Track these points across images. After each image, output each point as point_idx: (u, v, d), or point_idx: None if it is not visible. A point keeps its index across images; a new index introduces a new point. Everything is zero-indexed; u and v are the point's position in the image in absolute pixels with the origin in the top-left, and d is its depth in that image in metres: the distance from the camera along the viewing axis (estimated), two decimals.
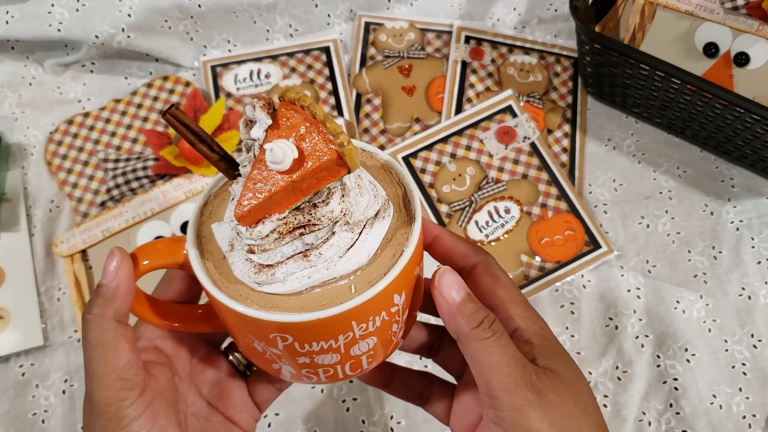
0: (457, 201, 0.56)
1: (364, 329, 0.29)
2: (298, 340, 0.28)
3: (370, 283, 0.27)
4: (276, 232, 0.27)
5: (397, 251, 0.28)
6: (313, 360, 0.30)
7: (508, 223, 0.55)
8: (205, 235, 0.30)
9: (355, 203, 0.27)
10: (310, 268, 0.27)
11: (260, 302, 0.27)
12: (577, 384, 0.29)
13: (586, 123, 0.61)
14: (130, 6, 0.57)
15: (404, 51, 0.63)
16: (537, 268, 0.54)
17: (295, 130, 0.26)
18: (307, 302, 0.27)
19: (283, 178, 0.26)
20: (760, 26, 0.53)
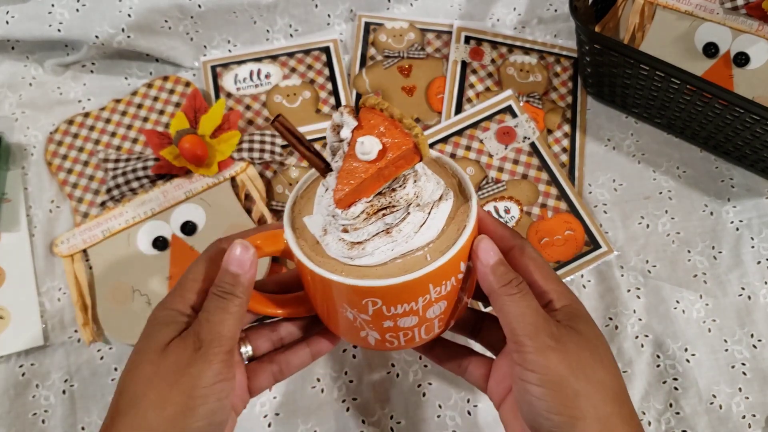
0: None
1: (438, 292, 0.35)
2: (386, 303, 0.34)
3: (442, 252, 0.34)
4: (365, 213, 0.33)
5: (461, 226, 0.35)
6: (396, 323, 0.36)
7: (509, 223, 0.55)
8: (297, 227, 0.36)
9: (424, 188, 0.34)
10: (392, 243, 0.33)
11: (353, 273, 0.33)
12: (594, 341, 0.33)
13: (585, 123, 0.61)
14: (130, 6, 0.58)
15: (404, 51, 0.63)
16: None
17: (377, 128, 0.32)
18: (392, 270, 0.33)
19: (371, 167, 0.32)
20: (759, 26, 0.53)
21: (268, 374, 0.38)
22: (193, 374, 0.31)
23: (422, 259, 0.34)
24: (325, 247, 0.34)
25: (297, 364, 0.39)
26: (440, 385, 0.50)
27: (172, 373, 0.31)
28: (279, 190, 0.56)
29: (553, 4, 0.65)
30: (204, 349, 0.32)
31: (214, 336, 0.32)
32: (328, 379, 0.50)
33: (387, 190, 0.33)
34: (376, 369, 0.51)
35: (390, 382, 0.50)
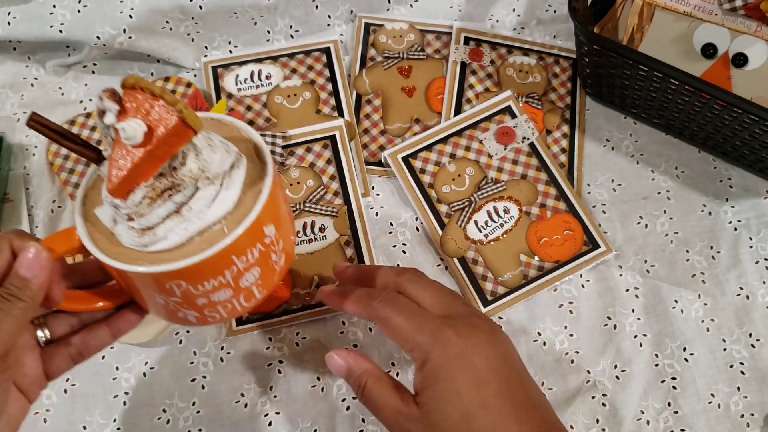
0: (456, 201, 0.56)
1: (245, 261, 0.34)
2: (191, 283, 0.33)
3: (238, 222, 0.33)
4: (147, 198, 0.32)
5: (257, 192, 0.34)
6: (210, 299, 0.35)
7: (507, 223, 0.55)
8: (92, 220, 0.35)
9: (210, 159, 0.33)
10: (185, 222, 0.32)
11: (150, 260, 0.32)
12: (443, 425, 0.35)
13: (584, 124, 0.61)
14: (132, 7, 0.58)
15: (404, 52, 0.63)
16: (536, 268, 0.54)
17: (141, 109, 0.30)
18: (190, 250, 0.32)
19: (140, 150, 0.30)
20: (758, 27, 0.53)
21: (65, 357, 0.37)
22: None
23: (220, 233, 0.33)
24: (118, 237, 0.33)
25: (96, 345, 0.37)
26: None
27: None
28: None
29: (552, 5, 0.66)
30: None
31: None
32: (328, 378, 0.51)
33: (167, 170, 0.32)
34: None
35: None
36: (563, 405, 0.50)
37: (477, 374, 0.35)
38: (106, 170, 0.32)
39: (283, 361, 0.51)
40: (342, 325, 0.52)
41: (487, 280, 0.53)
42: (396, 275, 0.41)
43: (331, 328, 0.52)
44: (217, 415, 0.49)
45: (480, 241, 0.55)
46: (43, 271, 0.32)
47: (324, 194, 0.56)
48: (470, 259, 0.54)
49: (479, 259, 0.54)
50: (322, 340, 0.52)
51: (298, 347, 0.52)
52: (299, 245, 0.54)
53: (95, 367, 0.51)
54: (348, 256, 0.54)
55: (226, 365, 0.51)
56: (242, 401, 0.50)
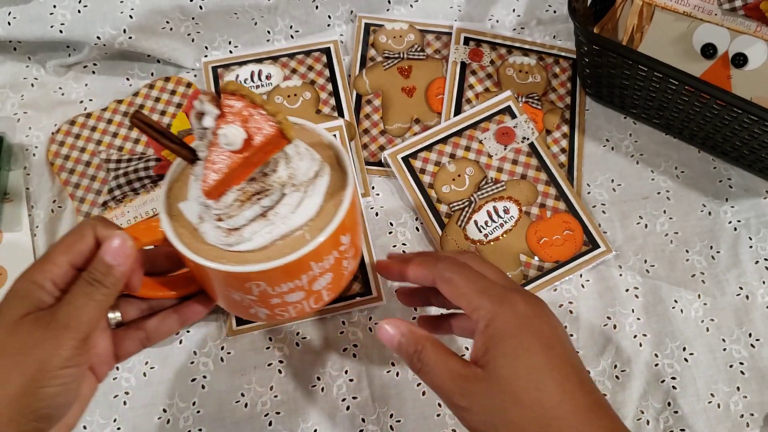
0: (456, 201, 0.56)
1: (321, 267, 0.36)
2: (270, 284, 0.35)
3: (321, 229, 0.34)
4: (238, 201, 0.33)
5: (338, 201, 0.35)
6: (284, 299, 0.37)
7: (507, 223, 0.55)
8: (174, 213, 0.36)
9: (298, 167, 0.34)
10: (270, 226, 0.34)
11: (234, 259, 0.34)
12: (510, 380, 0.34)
13: (584, 124, 0.61)
14: (132, 7, 0.58)
15: (404, 52, 0.63)
16: (536, 268, 0.54)
17: (240, 115, 0.31)
18: (273, 253, 0.34)
19: (237, 156, 0.31)
20: (757, 27, 0.54)
21: (135, 341, 0.38)
22: (40, 356, 0.31)
23: (301, 238, 0.34)
24: (203, 235, 0.35)
25: (165, 332, 0.39)
26: None
27: (18, 351, 0.31)
28: None
29: (552, 5, 0.66)
30: (57, 331, 0.31)
31: (71, 320, 0.31)
32: (328, 377, 0.51)
33: (259, 175, 0.33)
34: (375, 368, 0.51)
35: (390, 381, 0.51)
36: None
37: (544, 337, 0.35)
38: (200, 171, 0.33)
39: (283, 361, 0.51)
40: (342, 324, 0.52)
41: None
42: (456, 253, 0.42)
43: (331, 328, 0.52)
44: (217, 415, 0.49)
45: (480, 241, 0.55)
46: (127, 259, 0.33)
47: None
48: None
49: None
50: (322, 340, 0.52)
51: (298, 347, 0.52)
52: None
53: None
54: None
55: (227, 365, 0.51)
56: (242, 401, 0.50)
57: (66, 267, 0.33)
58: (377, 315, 0.53)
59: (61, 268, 0.33)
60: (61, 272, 0.33)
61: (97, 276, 0.33)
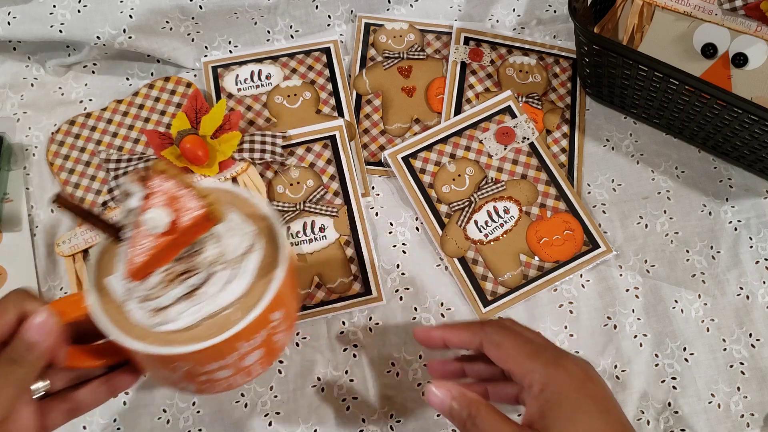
0: (456, 201, 0.56)
1: (251, 345, 0.34)
2: (197, 364, 0.34)
3: (249, 308, 0.33)
4: (163, 282, 0.32)
5: (269, 278, 0.34)
6: (211, 377, 0.35)
7: (507, 223, 0.55)
8: (101, 287, 0.34)
9: (227, 245, 0.33)
10: (197, 305, 0.33)
11: (159, 340, 0.32)
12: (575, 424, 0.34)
13: (584, 124, 0.61)
14: (132, 7, 0.58)
15: (404, 52, 0.63)
16: (536, 268, 0.54)
17: (168, 196, 0.31)
18: (200, 333, 0.33)
19: (163, 239, 0.31)
20: (758, 27, 0.54)
21: (62, 412, 0.36)
22: None
23: (229, 318, 0.33)
24: (128, 313, 0.33)
25: (93, 402, 0.37)
26: None
27: None
28: (280, 190, 0.56)
29: (552, 5, 0.66)
30: None
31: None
32: (328, 378, 0.51)
33: (186, 255, 0.32)
34: (376, 368, 0.51)
35: (390, 381, 0.51)
36: None
37: (600, 400, 0.35)
38: (125, 252, 0.32)
39: (283, 361, 0.51)
40: (342, 324, 0.52)
41: (487, 280, 0.53)
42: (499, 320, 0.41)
43: (331, 328, 0.52)
44: (217, 415, 0.49)
45: (480, 241, 0.55)
46: (50, 336, 0.32)
47: (324, 194, 0.56)
48: (470, 259, 0.54)
49: (479, 259, 0.54)
50: (323, 340, 0.52)
51: (299, 347, 0.52)
52: (298, 246, 0.54)
53: None
54: (348, 256, 0.54)
55: None
56: (242, 401, 0.50)
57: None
58: (377, 315, 0.53)
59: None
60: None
61: (17, 354, 0.31)
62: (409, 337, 0.52)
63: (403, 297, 0.53)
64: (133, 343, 0.32)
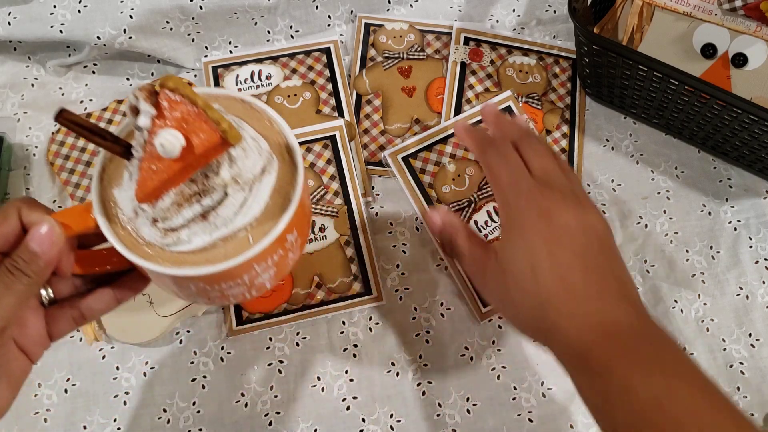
0: (456, 201, 0.56)
1: (264, 266, 0.33)
2: (209, 284, 0.33)
3: (265, 231, 0.31)
4: (175, 204, 0.30)
5: (285, 200, 0.32)
6: (224, 293, 0.35)
7: None
8: (108, 200, 0.32)
9: (243, 166, 0.31)
10: (210, 227, 0.31)
11: (171, 259, 0.31)
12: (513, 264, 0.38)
13: (584, 124, 0.61)
14: (132, 7, 0.58)
15: (404, 52, 0.63)
16: None
17: (180, 118, 0.28)
18: (213, 256, 0.31)
19: (175, 163, 0.29)
20: (757, 27, 0.54)
21: (69, 320, 0.36)
22: None
23: (245, 241, 0.32)
24: (138, 230, 0.32)
25: (100, 309, 0.36)
26: (440, 384, 0.51)
27: None
28: None
29: (552, 5, 0.66)
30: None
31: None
32: (328, 377, 0.51)
33: (199, 177, 0.30)
34: (376, 368, 0.51)
35: (390, 381, 0.51)
36: (564, 405, 0.50)
37: (552, 231, 0.37)
38: (134, 170, 0.30)
39: (284, 361, 0.51)
40: (342, 324, 0.52)
41: None
42: (518, 133, 0.44)
43: (331, 328, 0.52)
44: (217, 415, 0.49)
45: None
46: (53, 247, 0.31)
47: (324, 194, 0.56)
48: None
49: None
50: (323, 340, 0.52)
51: (298, 347, 0.52)
52: None
53: (95, 367, 0.51)
54: (348, 256, 0.54)
55: (227, 365, 0.51)
56: (242, 401, 0.50)
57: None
58: (377, 315, 0.53)
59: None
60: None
61: (20, 264, 0.30)
62: (409, 337, 0.52)
63: (403, 297, 0.53)
64: (145, 263, 0.31)
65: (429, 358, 0.51)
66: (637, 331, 0.36)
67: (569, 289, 0.36)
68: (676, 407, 0.32)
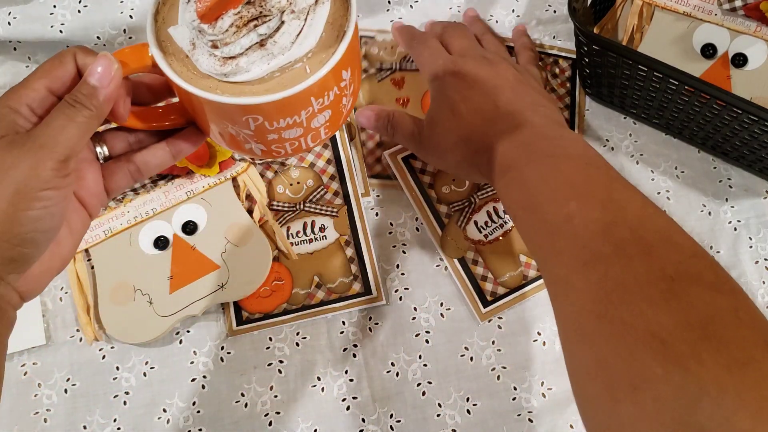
0: (456, 201, 0.56)
1: (321, 103, 0.34)
2: (268, 119, 0.33)
3: (322, 62, 0.32)
4: (234, 26, 0.31)
5: (340, 32, 0.33)
6: (281, 135, 0.35)
7: (507, 223, 0.55)
8: (164, 39, 0.33)
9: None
10: (268, 56, 0.32)
11: (230, 91, 0.32)
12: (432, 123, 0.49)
13: (584, 123, 0.61)
14: (132, 7, 0.58)
15: (396, 63, 0.62)
16: (536, 268, 0.54)
17: None
18: (271, 86, 0.32)
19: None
20: (757, 27, 0.54)
21: (125, 174, 0.36)
22: (18, 177, 0.29)
23: (302, 71, 0.32)
24: (195, 63, 0.32)
25: (156, 165, 0.37)
26: (440, 384, 0.51)
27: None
28: (280, 190, 0.56)
29: (552, 5, 0.66)
30: (34, 152, 0.30)
31: (49, 140, 0.30)
32: (328, 377, 0.51)
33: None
34: (376, 368, 0.51)
35: (390, 381, 0.51)
36: (564, 405, 0.50)
37: (465, 83, 0.47)
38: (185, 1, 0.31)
39: (284, 361, 0.51)
40: (342, 325, 0.52)
41: (487, 280, 0.53)
42: (441, 27, 0.55)
43: (331, 328, 0.52)
44: (217, 415, 0.49)
45: (480, 242, 0.55)
46: (112, 82, 0.32)
47: (324, 194, 0.56)
48: (470, 260, 0.54)
49: (479, 259, 0.54)
50: (323, 340, 0.52)
51: (298, 347, 0.52)
52: (298, 246, 0.54)
53: (95, 367, 0.51)
54: (348, 256, 0.54)
55: (227, 365, 0.51)
56: (242, 401, 0.50)
57: (44, 92, 0.32)
58: (377, 315, 0.53)
59: (39, 92, 0.31)
60: (39, 97, 0.31)
61: (80, 98, 0.31)
62: (409, 337, 0.52)
63: (403, 297, 0.53)
64: (204, 93, 0.31)
65: (429, 358, 0.51)
66: (541, 132, 0.42)
67: (485, 117, 0.45)
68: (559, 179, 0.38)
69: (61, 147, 0.30)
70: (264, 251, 0.53)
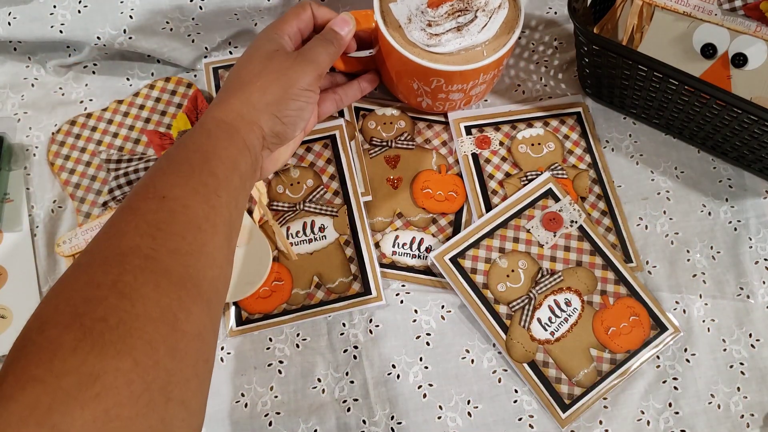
0: (515, 300, 0.52)
1: (484, 79, 0.51)
2: (447, 82, 0.50)
3: (495, 50, 0.49)
4: (446, 13, 0.47)
5: (510, 31, 0.50)
6: (448, 96, 0.53)
7: (572, 316, 0.52)
8: (384, 10, 0.50)
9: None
10: (460, 38, 0.48)
11: (428, 58, 0.48)
12: None
13: (611, 177, 0.58)
14: (132, 7, 0.58)
15: (392, 140, 0.59)
16: (608, 361, 0.51)
17: None
18: (457, 60, 0.49)
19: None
20: (757, 27, 0.54)
21: (332, 102, 0.53)
22: (291, 77, 0.44)
23: (480, 53, 0.49)
24: (408, 34, 0.48)
25: (352, 96, 0.55)
26: (441, 387, 0.51)
27: (275, 72, 0.44)
28: (280, 189, 0.56)
29: (552, 6, 0.65)
30: (304, 64, 0.44)
31: (313, 58, 0.45)
32: (329, 379, 0.51)
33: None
34: (377, 370, 0.51)
35: (391, 383, 0.50)
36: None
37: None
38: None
39: (284, 361, 0.51)
40: (343, 326, 0.52)
41: (561, 382, 0.50)
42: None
43: (331, 330, 0.52)
44: (217, 415, 0.49)
45: (547, 341, 0.51)
46: (350, 32, 0.48)
47: (324, 194, 0.56)
48: (540, 362, 0.51)
49: (549, 360, 0.51)
50: (323, 341, 0.52)
51: (299, 347, 0.52)
52: (298, 246, 0.54)
53: None
54: (348, 256, 0.54)
55: (227, 365, 0.51)
56: (242, 401, 0.50)
57: (296, 28, 0.47)
58: (377, 317, 0.53)
59: (293, 28, 0.47)
60: (293, 31, 0.47)
61: (329, 37, 0.47)
62: (410, 339, 0.52)
63: (404, 299, 0.53)
64: (414, 57, 0.48)
65: (430, 360, 0.51)
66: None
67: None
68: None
69: (321, 64, 0.45)
70: (264, 252, 0.53)
